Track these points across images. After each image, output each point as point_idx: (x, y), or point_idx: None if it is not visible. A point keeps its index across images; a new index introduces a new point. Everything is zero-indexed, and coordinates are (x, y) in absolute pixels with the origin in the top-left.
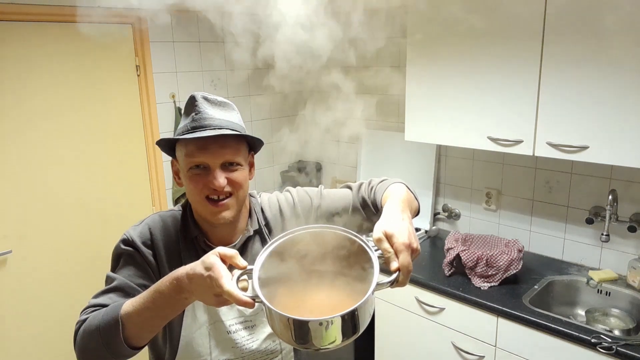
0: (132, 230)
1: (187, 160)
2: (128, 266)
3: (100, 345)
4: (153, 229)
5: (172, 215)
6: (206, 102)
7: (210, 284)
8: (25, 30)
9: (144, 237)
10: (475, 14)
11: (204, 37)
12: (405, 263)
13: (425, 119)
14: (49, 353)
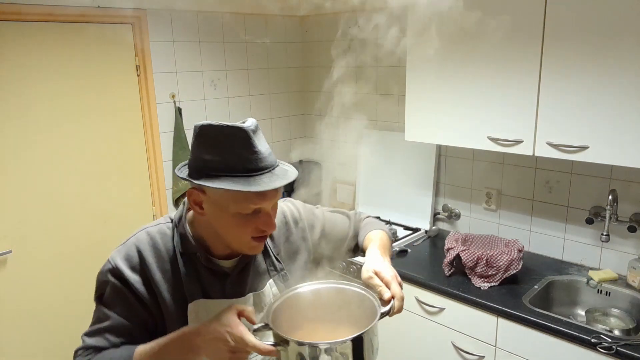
0: (117, 254)
1: (242, 205)
2: (119, 302)
3: None
4: (142, 249)
5: (160, 231)
6: (254, 135)
7: (228, 340)
8: (25, 30)
9: (132, 261)
10: (475, 14)
11: (204, 37)
12: (397, 290)
13: (425, 119)
14: (49, 353)
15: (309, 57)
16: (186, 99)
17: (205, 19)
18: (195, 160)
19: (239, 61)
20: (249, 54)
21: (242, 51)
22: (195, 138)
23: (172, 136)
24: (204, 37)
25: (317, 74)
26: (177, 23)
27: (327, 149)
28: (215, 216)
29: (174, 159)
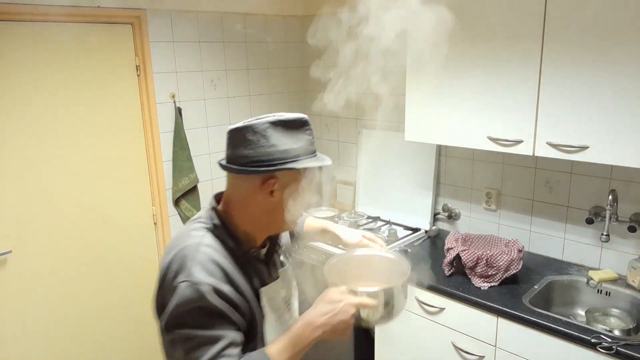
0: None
1: (309, 180)
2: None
3: None
4: (217, 261)
5: (210, 241)
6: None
7: (347, 310)
8: (25, 30)
9: (217, 275)
10: (475, 13)
11: (204, 37)
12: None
13: (425, 119)
14: (49, 353)
15: (309, 57)
16: (186, 99)
17: (205, 19)
18: (267, 154)
19: (239, 61)
20: (249, 54)
21: (242, 51)
22: (265, 133)
23: (172, 136)
24: (204, 37)
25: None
26: (177, 23)
27: (327, 149)
28: (281, 198)
29: (174, 159)
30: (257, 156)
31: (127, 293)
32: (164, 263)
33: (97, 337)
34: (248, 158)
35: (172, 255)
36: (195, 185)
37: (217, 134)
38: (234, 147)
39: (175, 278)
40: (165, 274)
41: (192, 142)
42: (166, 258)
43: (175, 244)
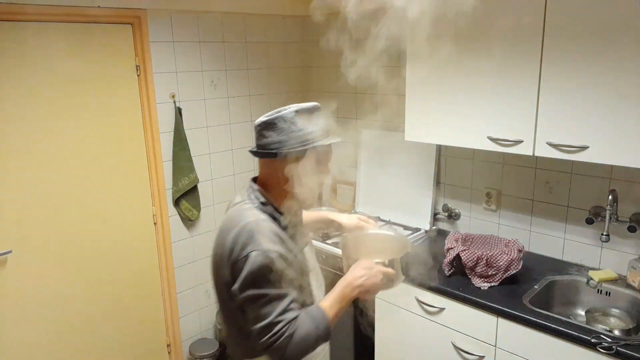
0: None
1: (329, 156)
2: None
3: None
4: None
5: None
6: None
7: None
8: (25, 30)
9: (277, 243)
10: (475, 14)
11: (204, 37)
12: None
13: (425, 119)
14: (49, 353)
15: (309, 57)
16: (186, 99)
17: (205, 19)
18: (298, 137)
19: (239, 61)
20: (249, 54)
21: (242, 51)
22: (293, 121)
23: (172, 136)
24: (204, 37)
25: (317, 74)
26: (177, 23)
27: None
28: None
29: (174, 159)
30: (290, 140)
31: (127, 293)
32: (228, 241)
33: (97, 337)
34: (282, 143)
35: (236, 232)
36: (195, 185)
37: (217, 134)
38: (267, 136)
39: (243, 249)
40: (232, 249)
41: (192, 142)
42: (228, 236)
43: (232, 224)
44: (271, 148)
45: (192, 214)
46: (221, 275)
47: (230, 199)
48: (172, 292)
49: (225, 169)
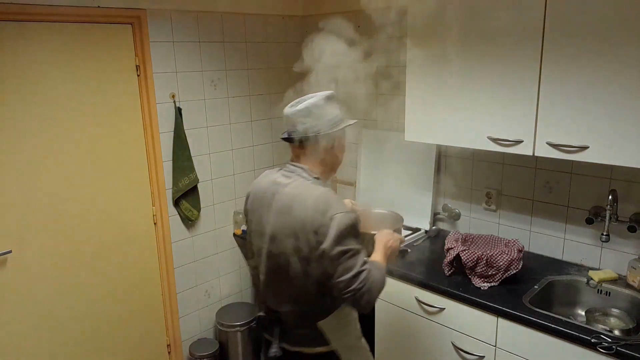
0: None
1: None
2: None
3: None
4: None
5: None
6: None
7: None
8: (25, 30)
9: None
10: (475, 13)
11: (204, 37)
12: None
13: (425, 119)
14: (49, 353)
15: None
16: (186, 99)
17: (205, 19)
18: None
19: (239, 61)
20: (249, 54)
21: (242, 51)
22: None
23: (172, 136)
24: (204, 37)
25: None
26: (177, 23)
27: None
28: (340, 150)
29: (174, 159)
30: (325, 124)
31: (127, 293)
32: (304, 212)
33: (97, 337)
34: (318, 127)
35: (312, 202)
36: (195, 185)
37: (217, 134)
38: (304, 122)
39: (325, 215)
40: (312, 217)
41: (192, 142)
42: (303, 208)
43: (302, 198)
44: (310, 133)
45: (192, 214)
46: (302, 243)
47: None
48: (172, 292)
49: (225, 169)
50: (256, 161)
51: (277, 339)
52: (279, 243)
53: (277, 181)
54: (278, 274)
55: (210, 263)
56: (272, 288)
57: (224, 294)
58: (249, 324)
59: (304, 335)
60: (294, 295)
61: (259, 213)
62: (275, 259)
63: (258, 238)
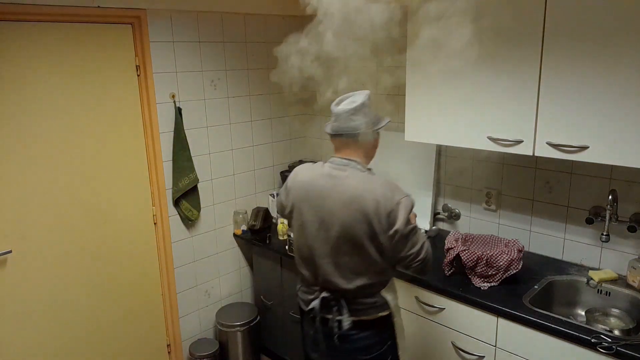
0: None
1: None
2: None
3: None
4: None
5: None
6: None
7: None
8: (25, 30)
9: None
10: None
11: (204, 37)
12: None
13: (425, 119)
14: (49, 353)
15: None
16: (186, 99)
17: (205, 19)
18: (375, 116)
19: (239, 61)
20: (249, 54)
21: (242, 51)
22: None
23: (172, 136)
24: (204, 37)
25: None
26: (177, 23)
27: (327, 148)
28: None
29: (174, 159)
30: (372, 120)
31: (127, 293)
32: (374, 200)
33: (97, 337)
34: (367, 123)
35: (380, 191)
36: (195, 185)
37: (217, 134)
38: (355, 120)
39: (392, 200)
40: (384, 203)
41: (192, 142)
42: (373, 196)
43: (370, 187)
44: (361, 129)
45: (192, 214)
46: (375, 226)
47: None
48: (172, 292)
49: (225, 169)
50: (256, 161)
51: (347, 312)
52: (350, 228)
53: (332, 174)
54: (349, 255)
55: (210, 263)
56: (341, 269)
57: (224, 294)
58: (249, 324)
59: (369, 304)
60: (365, 271)
61: (316, 204)
62: (346, 242)
63: (316, 226)
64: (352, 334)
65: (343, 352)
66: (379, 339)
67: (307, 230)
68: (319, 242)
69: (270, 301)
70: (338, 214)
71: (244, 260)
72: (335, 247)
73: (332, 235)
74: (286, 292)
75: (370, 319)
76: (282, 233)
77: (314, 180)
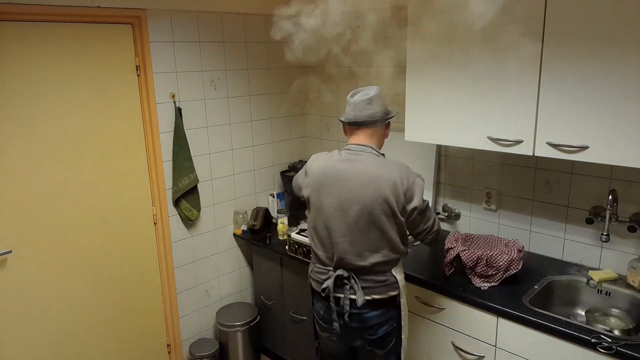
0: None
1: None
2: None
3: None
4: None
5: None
6: None
7: None
8: (25, 30)
9: None
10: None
11: (204, 37)
12: None
13: (425, 119)
14: (49, 353)
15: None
16: (186, 99)
17: (205, 19)
18: (386, 107)
19: (239, 61)
20: (249, 54)
21: (242, 51)
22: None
23: (172, 136)
24: (204, 37)
25: (317, 74)
26: (177, 23)
27: (327, 148)
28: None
29: (174, 159)
30: (384, 110)
31: (127, 293)
32: (392, 179)
33: (97, 337)
34: (381, 112)
35: (397, 172)
36: (195, 185)
37: (217, 134)
38: (372, 109)
39: (408, 179)
40: (401, 182)
41: (192, 142)
42: (391, 177)
43: (386, 169)
44: (375, 117)
45: (192, 214)
46: (393, 204)
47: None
48: (172, 292)
49: (225, 169)
50: (256, 161)
51: (360, 290)
52: (369, 207)
53: (350, 158)
54: (366, 232)
55: (210, 263)
56: (361, 245)
57: (224, 294)
58: (249, 324)
59: (381, 282)
60: (381, 248)
61: (335, 186)
62: (364, 220)
63: (335, 207)
64: (363, 313)
65: (352, 330)
66: (387, 318)
67: (326, 211)
68: (338, 222)
69: (270, 301)
70: (357, 193)
71: (244, 260)
72: (353, 225)
73: (350, 214)
74: (286, 292)
75: (381, 297)
76: (282, 233)
77: (333, 164)
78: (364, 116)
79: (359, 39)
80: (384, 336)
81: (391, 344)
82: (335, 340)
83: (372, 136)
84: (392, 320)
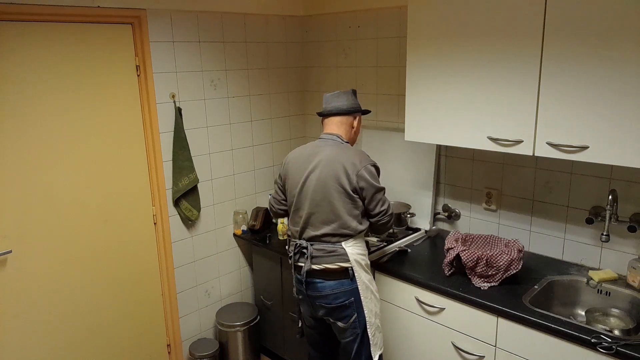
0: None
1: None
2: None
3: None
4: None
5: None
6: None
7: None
8: (25, 30)
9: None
10: (475, 13)
11: (204, 37)
12: None
13: (425, 119)
14: (49, 353)
15: (309, 57)
16: (186, 99)
17: (205, 19)
18: (356, 103)
19: (239, 61)
20: (249, 54)
21: (242, 51)
22: (354, 94)
23: (172, 136)
24: (204, 37)
25: (317, 74)
26: (177, 23)
27: None
28: (359, 131)
29: (174, 159)
30: (352, 104)
31: (127, 293)
32: (349, 161)
33: (97, 337)
34: (347, 105)
35: (352, 156)
36: (195, 185)
37: (217, 134)
38: (346, 100)
39: (361, 163)
40: (354, 164)
41: (192, 142)
42: (348, 159)
43: (344, 153)
44: (342, 108)
45: (192, 214)
46: (345, 183)
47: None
48: (172, 292)
49: (225, 169)
50: (256, 161)
51: (311, 258)
52: (325, 184)
53: (317, 145)
54: (323, 206)
55: (210, 263)
56: (316, 217)
57: (224, 294)
58: (249, 324)
59: (328, 251)
60: (331, 221)
61: (303, 168)
62: (320, 196)
63: (301, 186)
64: (317, 282)
65: (311, 298)
66: (341, 290)
67: (296, 190)
68: (302, 198)
69: (270, 301)
70: (317, 173)
71: (244, 260)
72: (311, 199)
73: (310, 189)
74: (286, 292)
75: (333, 268)
76: (282, 233)
77: (304, 150)
78: (331, 107)
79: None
80: (341, 308)
81: (352, 317)
82: (305, 309)
83: (339, 126)
84: (349, 293)
